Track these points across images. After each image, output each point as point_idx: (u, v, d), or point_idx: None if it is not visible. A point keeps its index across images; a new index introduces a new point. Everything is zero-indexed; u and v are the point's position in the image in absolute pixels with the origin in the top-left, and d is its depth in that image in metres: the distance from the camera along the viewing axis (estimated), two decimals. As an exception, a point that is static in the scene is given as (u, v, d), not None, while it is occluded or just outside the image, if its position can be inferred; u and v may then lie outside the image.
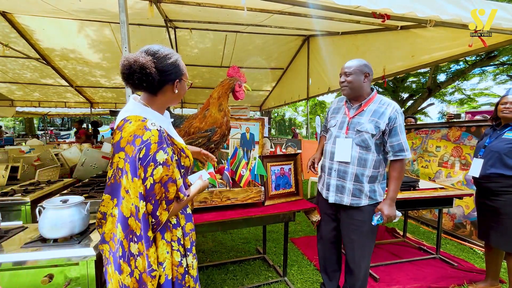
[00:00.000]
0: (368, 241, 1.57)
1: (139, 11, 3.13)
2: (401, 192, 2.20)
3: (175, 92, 0.94)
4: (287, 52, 5.48)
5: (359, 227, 1.55)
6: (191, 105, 7.72)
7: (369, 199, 1.53)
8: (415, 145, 3.67)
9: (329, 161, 1.63)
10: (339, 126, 1.60)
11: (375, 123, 1.47)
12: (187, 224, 1.01)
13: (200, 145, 1.76)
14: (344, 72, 1.54)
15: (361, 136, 1.50)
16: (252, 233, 3.01)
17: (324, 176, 1.68)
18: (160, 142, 0.84)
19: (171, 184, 0.85)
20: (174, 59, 0.92)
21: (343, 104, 1.65)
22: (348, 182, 1.54)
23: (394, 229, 3.12)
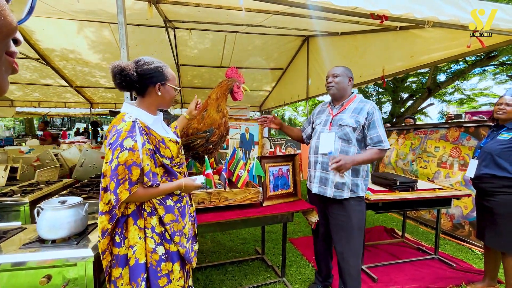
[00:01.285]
0: (355, 237, 1.65)
1: (138, 11, 3.14)
2: (400, 193, 2.20)
3: (158, 94, 1.10)
4: (287, 52, 5.49)
5: (346, 223, 1.66)
6: (191, 105, 7.71)
7: (351, 192, 1.63)
8: (414, 145, 3.67)
9: (314, 155, 1.76)
10: (323, 124, 1.76)
11: (356, 118, 1.62)
12: (167, 215, 1.08)
13: (198, 146, 1.77)
14: (332, 74, 1.72)
15: (343, 130, 1.64)
16: (251, 233, 3.02)
17: (310, 170, 1.80)
18: (131, 131, 0.98)
19: (135, 167, 0.97)
20: (155, 66, 1.09)
21: (327, 107, 1.82)
22: (331, 173, 1.64)
23: (393, 229, 3.13)
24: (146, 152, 1.01)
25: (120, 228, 1.03)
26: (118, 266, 1.03)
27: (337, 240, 1.71)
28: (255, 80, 6.72)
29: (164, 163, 1.10)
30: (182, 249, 1.11)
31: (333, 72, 1.72)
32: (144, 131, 1.03)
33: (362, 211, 1.69)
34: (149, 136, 1.05)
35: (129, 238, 1.03)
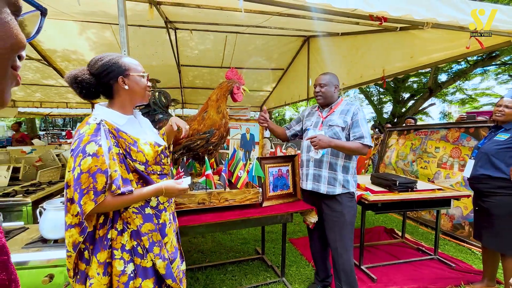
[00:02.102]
0: (347, 233, 1.75)
1: (139, 12, 3.16)
2: (399, 193, 2.21)
3: (125, 88, 0.99)
4: (288, 52, 5.50)
5: (339, 219, 1.74)
6: (192, 105, 7.75)
7: (342, 187, 1.74)
8: (414, 146, 3.67)
9: (306, 154, 1.84)
10: (314, 125, 1.85)
11: (343, 118, 1.74)
12: (145, 225, 0.98)
13: (199, 147, 1.78)
14: (319, 83, 1.81)
15: (332, 129, 1.74)
16: (251, 233, 3.03)
17: (303, 168, 1.88)
18: (94, 135, 0.88)
19: (100, 174, 0.86)
20: (107, 60, 0.97)
21: (316, 110, 1.92)
22: (323, 170, 1.75)
23: (392, 230, 3.13)
24: (113, 157, 0.90)
25: (89, 243, 0.93)
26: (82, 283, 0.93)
27: (331, 237, 1.78)
28: (256, 80, 6.73)
29: (137, 169, 0.98)
30: (163, 261, 1.00)
31: (320, 81, 1.81)
32: (111, 133, 0.93)
33: (353, 207, 1.79)
34: (117, 139, 0.95)
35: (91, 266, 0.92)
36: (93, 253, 0.92)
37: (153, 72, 5.52)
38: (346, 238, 1.74)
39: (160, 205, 1.06)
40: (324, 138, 1.62)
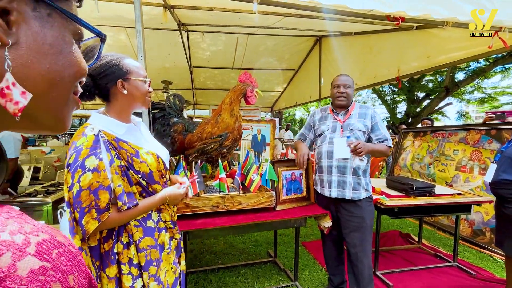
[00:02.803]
0: (368, 237, 1.73)
1: (153, 16, 3.21)
2: (416, 198, 2.15)
3: (123, 92, 0.90)
4: (299, 53, 5.46)
5: (360, 223, 1.71)
6: (203, 106, 7.82)
7: (365, 191, 1.74)
8: (431, 148, 3.56)
9: (327, 160, 1.79)
10: (332, 129, 1.81)
11: (363, 122, 1.75)
12: (144, 239, 0.90)
13: (212, 150, 1.79)
14: (344, 84, 1.79)
15: (354, 134, 1.74)
16: (263, 236, 3.02)
17: (323, 175, 1.82)
18: (93, 148, 0.81)
19: (103, 191, 0.80)
20: (107, 60, 0.89)
21: (329, 113, 1.88)
22: (348, 176, 1.73)
23: (408, 235, 3.05)
24: (116, 171, 0.84)
25: (94, 258, 0.86)
26: None
27: (352, 242, 1.75)
28: (267, 81, 6.72)
29: (140, 182, 0.91)
30: (158, 285, 0.90)
31: (345, 82, 1.79)
32: (111, 145, 0.86)
33: (372, 211, 1.80)
34: (118, 151, 0.87)
35: (101, 282, 0.86)
36: (102, 269, 0.86)
37: (166, 74, 5.63)
38: (367, 243, 1.73)
39: (160, 222, 0.97)
40: (365, 144, 1.64)
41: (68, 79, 0.29)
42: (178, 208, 1.57)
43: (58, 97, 0.29)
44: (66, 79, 0.29)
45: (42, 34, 0.26)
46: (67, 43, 0.29)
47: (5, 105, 0.24)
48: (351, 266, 1.78)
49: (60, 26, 0.28)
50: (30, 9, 0.25)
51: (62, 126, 0.31)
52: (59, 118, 0.30)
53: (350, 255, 1.77)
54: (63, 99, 0.30)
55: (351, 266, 1.78)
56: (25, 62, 0.25)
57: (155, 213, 0.96)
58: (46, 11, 0.27)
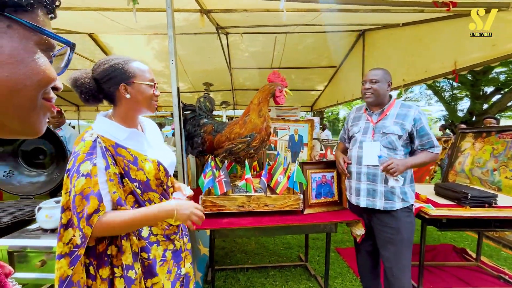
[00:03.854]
0: (406, 252, 1.55)
1: (193, 22, 3.38)
2: (471, 209, 1.86)
3: (126, 96, 0.89)
4: (340, 49, 5.20)
5: (395, 236, 1.54)
6: (242, 106, 7.98)
7: (402, 201, 1.54)
8: (496, 151, 3.06)
9: (356, 165, 1.64)
10: (363, 132, 1.64)
11: (401, 125, 1.53)
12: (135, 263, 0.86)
13: (240, 151, 1.81)
14: (370, 79, 1.58)
15: (387, 138, 1.55)
16: (295, 238, 2.95)
17: (352, 182, 1.66)
18: (90, 153, 0.80)
19: (92, 197, 0.78)
20: (111, 64, 0.88)
21: (363, 112, 1.70)
22: (379, 185, 1.56)
23: (464, 250, 2.67)
24: (111, 178, 0.82)
25: (92, 258, 0.84)
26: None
27: (385, 255, 1.58)
28: (307, 79, 6.56)
29: (134, 191, 0.88)
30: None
31: (371, 77, 1.58)
32: (108, 151, 0.84)
33: (411, 223, 1.57)
34: (116, 157, 0.85)
35: (96, 282, 0.84)
36: (97, 269, 0.85)
37: (207, 76, 5.88)
38: (403, 258, 1.54)
39: (151, 236, 0.93)
40: (400, 163, 1.44)
41: (31, 87, 0.30)
42: (205, 206, 1.62)
43: (22, 104, 0.30)
44: (28, 87, 0.30)
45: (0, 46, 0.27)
46: (29, 53, 0.30)
47: None
48: (387, 282, 1.62)
49: (21, 37, 0.29)
50: None
51: (32, 131, 0.33)
52: (26, 123, 0.32)
53: (385, 270, 1.61)
54: (28, 106, 0.31)
55: (387, 282, 1.62)
56: None
57: (146, 228, 0.92)
58: (5, 23, 0.28)
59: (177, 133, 1.71)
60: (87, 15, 2.85)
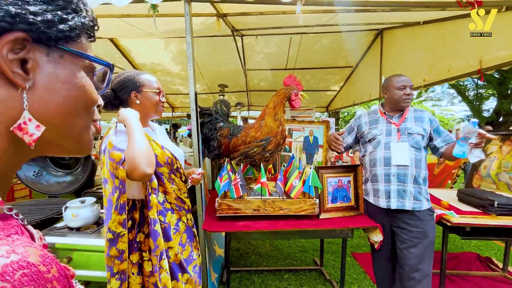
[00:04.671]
0: (429, 256, 1.57)
1: (209, 25, 3.43)
2: (497, 217, 1.77)
3: (136, 102, 1.11)
4: (357, 49, 5.10)
5: (421, 239, 1.56)
6: (257, 107, 8.00)
7: (427, 201, 1.61)
8: (526, 155, 2.89)
9: (384, 167, 1.65)
10: (387, 134, 1.68)
11: (422, 126, 1.63)
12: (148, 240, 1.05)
13: (255, 154, 1.82)
14: (410, 85, 1.66)
15: (414, 138, 1.61)
16: (310, 242, 2.93)
17: (378, 184, 1.66)
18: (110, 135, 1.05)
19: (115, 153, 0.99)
20: (125, 76, 1.13)
21: (380, 116, 1.75)
22: (409, 185, 1.59)
23: (489, 259, 2.54)
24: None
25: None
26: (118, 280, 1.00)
27: (408, 260, 1.57)
28: (322, 80, 6.47)
29: None
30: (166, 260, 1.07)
31: (411, 83, 1.67)
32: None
33: (434, 226, 1.62)
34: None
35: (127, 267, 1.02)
36: (128, 255, 1.02)
37: (222, 78, 5.94)
38: (427, 263, 1.56)
39: (166, 203, 1.12)
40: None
41: (81, 109, 0.34)
42: (221, 209, 1.65)
43: (75, 125, 0.34)
44: (80, 109, 0.34)
45: (55, 74, 0.31)
46: (78, 78, 0.33)
47: (22, 137, 0.29)
48: (405, 287, 1.58)
49: (71, 64, 0.32)
50: (44, 55, 0.30)
51: (85, 149, 0.36)
52: (80, 143, 0.35)
53: (403, 275, 1.58)
54: (80, 126, 0.35)
55: (405, 287, 1.58)
56: (42, 99, 0.30)
57: (161, 194, 1.11)
58: (58, 54, 0.31)
59: (194, 137, 1.75)
60: (109, 22, 2.97)
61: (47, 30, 0.29)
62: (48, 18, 0.29)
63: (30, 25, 0.27)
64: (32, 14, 0.27)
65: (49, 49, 0.30)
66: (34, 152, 0.32)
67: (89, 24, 0.35)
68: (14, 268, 0.22)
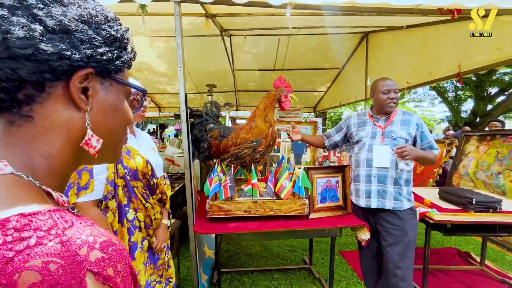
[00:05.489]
0: (412, 253, 1.65)
1: (198, 25, 3.40)
2: (476, 214, 1.87)
3: None
4: (344, 51, 5.20)
5: (402, 237, 1.62)
6: (245, 107, 8.00)
7: (408, 201, 1.66)
8: (501, 154, 3.06)
9: (366, 168, 1.70)
10: (371, 136, 1.72)
11: (407, 130, 1.66)
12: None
13: (246, 156, 1.83)
14: (395, 89, 1.69)
15: (397, 142, 1.65)
16: (299, 241, 2.97)
17: (359, 184, 1.72)
18: None
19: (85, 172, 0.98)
20: None
21: (367, 118, 1.79)
22: (389, 186, 1.65)
23: (468, 254, 2.68)
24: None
25: None
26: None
27: (391, 256, 1.64)
28: (310, 81, 6.56)
29: (124, 177, 1.08)
30: None
31: (395, 87, 1.71)
32: None
33: (415, 225, 1.69)
34: None
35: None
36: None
37: (210, 78, 5.90)
38: (409, 259, 1.64)
39: (136, 221, 1.11)
40: (412, 148, 1.59)
41: (121, 128, 0.42)
42: (212, 211, 1.65)
43: (116, 140, 0.42)
44: (121, 127, 0.41)
45: (106, 99, 0.38)
46: (120, 102, 0.40)
47: (88, 149, 0.37)
48: (389, 282, 1.66)
49: (117, 91, 0.40)
50: (99, 84, 0.37)
51: (117, 158, 0.45)
52: (116, 153, 0.43)
53: (388, 271, 1.65)
54: (119, 141, 0.43)
55: (389, 282, 1.66)
56: (97, 120, 0.37)
57: (132, 210, 1.10)
58: (108, 83, 0.38)
59: (184, 138, 1.74)
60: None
61: (108, 66, 0.36)
62: (109, 57, 0.36)
63: (98, 63, 0.35)
64: (100, 55, 0.35)
65: (103, 79, 0.37)
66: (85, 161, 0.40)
67: (132, 58, 0.43)
68: (108, 244, 0.30)
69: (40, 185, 0.32)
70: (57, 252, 0.25)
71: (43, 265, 0.24)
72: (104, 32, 0.36)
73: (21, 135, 0.32)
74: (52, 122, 0.33)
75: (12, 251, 0.24)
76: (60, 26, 0.31)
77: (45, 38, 0.30)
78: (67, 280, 0.24)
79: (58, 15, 0.31)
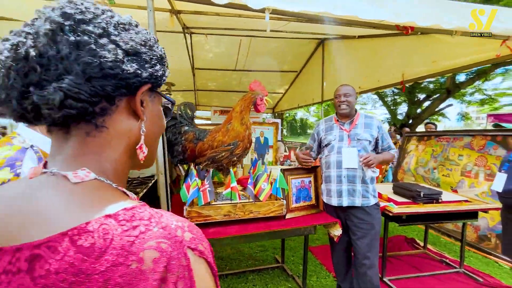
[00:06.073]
0: (376, 244, 1.82)
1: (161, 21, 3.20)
2: (424, 205, 2.16)
3: None
4: (301, 55, 5.46)
5: (369, 230, 1.77)
6: (205, 107, 7.82)
7: (373, 197, 1.82)
8: (435, 152, 3.58)
9: (336, 170, 1.83)
10: (339, 139, 1.86)
11: (370, 132, 1.82)
12: None
13: (223, 159, 1.79)
14: (344, 93, 1.85)
15: (361, 144, 1.80)
16: (270, 241, 3.03)
17: (331, 184, 1.86)
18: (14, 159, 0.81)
19: None
20: None
21: (334, 123, 1.93)
22: (357, 185, 1.79)
23: (413, 240, 3.07)
24: None
25: None
26: None
27: (360, 248, 1.79)
28: (269, 82, 6.72)
29: None
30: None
31: (345, 91, 1.86)
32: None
33: (380, 218, 1.87)
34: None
35: None
36: None
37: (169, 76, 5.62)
38: (375, 249, 1.79)
39: None
40: (375, 156, 1.74)
41: (159, 134, 0.47)
42: (190, 217, 1.57)
43: (156, 145, 0.47)
44: (159, 134, 0.46)
45: (153, 110, 0.43)
46: (160, 112, 0.46)
47: (139, 154, 0.41)
48: (358, 272, 1.81)
49: (158, 102, 0.45)
50: (149, 97, 0.42)
51: (152, 163, 0.48)
52: (153, 158, 0.47)
53: (357, 262, 1.81)
54: (156, 147, 0.48)
55: (358, 272, 1.81)
56: (148, 127, 0.42)
57: None
58: (154, 95, 0.43)
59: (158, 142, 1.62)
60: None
61: (159, 81, 0.42)
62: (160, 74, 0.41)
63: (155, 79, 0.40)
64: (156, 72, 0.40)
65: (151, 92, 0.42)
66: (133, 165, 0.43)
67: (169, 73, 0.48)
68: (192, 227, 0.36)
69: (117, 186, 0.37)
70: (162, 234, 0.31)
71: (157, 245, 0.30)
72: (155, 53, 0.40)
73: (94, 144, 0.37)
74: (117, 131, 0.38)
75: (131, 237, 0.30)
76: (132, 49, 0.36)
77: (125, 60, 0.35)
78: (176, 255, 0.31)
79: (129, 40, 0.36)
